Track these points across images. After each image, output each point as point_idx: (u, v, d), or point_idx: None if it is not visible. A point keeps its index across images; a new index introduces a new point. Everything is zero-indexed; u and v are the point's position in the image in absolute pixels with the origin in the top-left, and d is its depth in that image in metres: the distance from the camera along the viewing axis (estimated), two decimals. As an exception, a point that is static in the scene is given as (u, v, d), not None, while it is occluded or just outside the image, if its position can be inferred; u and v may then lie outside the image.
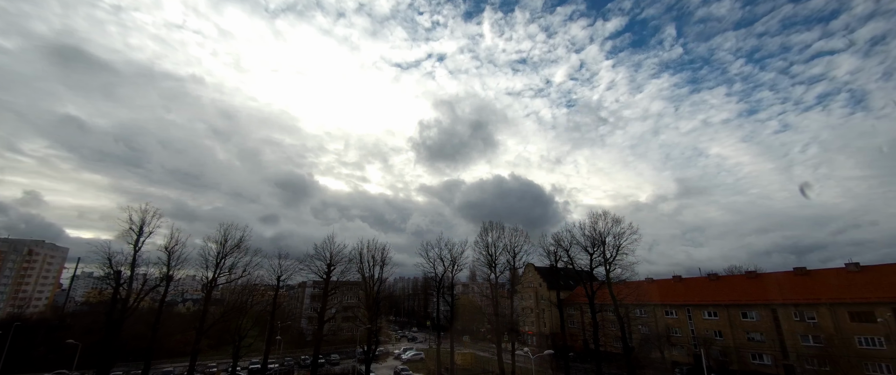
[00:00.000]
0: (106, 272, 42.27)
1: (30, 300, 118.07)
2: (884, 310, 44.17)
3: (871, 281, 48.20)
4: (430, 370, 59.27)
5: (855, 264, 51.92)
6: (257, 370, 55.28)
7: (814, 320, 49.38)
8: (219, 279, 48.41)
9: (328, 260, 52.56)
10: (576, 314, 78.40)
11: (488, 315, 57.95)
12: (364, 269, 54.02)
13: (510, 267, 55.90)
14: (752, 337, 54.73)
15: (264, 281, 61.79)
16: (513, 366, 52.13)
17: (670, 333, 63.75)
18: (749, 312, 55.80)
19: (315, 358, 52.70)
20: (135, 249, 42.73)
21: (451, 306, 58.37)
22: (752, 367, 53.82)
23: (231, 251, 48.43)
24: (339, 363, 66.06)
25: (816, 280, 53.40)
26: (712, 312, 59.74)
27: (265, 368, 52.01)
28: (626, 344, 49.59)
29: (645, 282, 71.05)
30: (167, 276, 45.04)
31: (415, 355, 71.35)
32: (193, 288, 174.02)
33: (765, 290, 56.19)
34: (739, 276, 68.41)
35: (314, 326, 65.52)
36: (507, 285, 77.71)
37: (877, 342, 44.54)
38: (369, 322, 52.90)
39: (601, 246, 51.39)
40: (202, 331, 46.45)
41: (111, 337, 40.97)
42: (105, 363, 41.11)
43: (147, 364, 43.63)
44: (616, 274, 51.17)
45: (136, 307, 43.98)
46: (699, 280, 71.17)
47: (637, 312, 67.35)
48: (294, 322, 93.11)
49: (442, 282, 57.81)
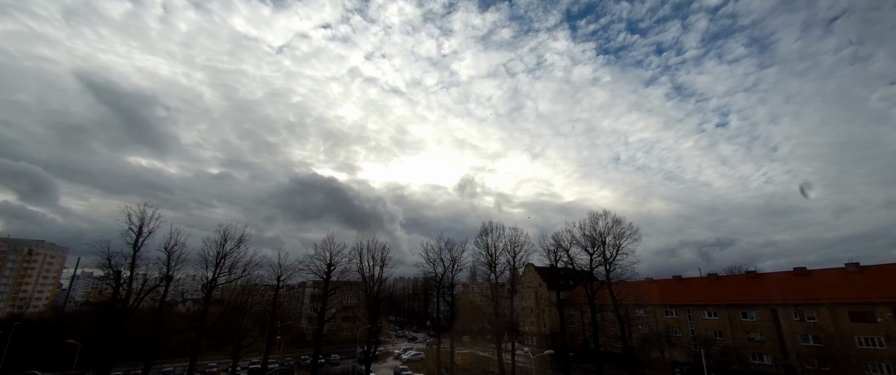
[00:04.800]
0: (106, 272, 42.26)
1: (30, 300, 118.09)
2: (884, 310, 44.14)
3: (871, 281, 48.17)
4: (430, 370, 59.26)
5: (855, 264, 51.91)
6: (257, 370, 55.28)
7: (814, 320, 49.36)
8: (219, 279, 48.38)
9: (328, 260, 52.58)
10: (576, 314, 78.38)
11: (488, 315, 57.90)
12: (364, 269, 54.07)
13: (510, 267, 55.92)
14: (752, 337, 54.71)
15: (264, 281, 61.81)
16: (513, 366, 52.11)
17: (670, 333, 63.73)
18: (749, 312, 55.77)
19: (315, 358, 52.70)
20: (134, 249, 42.71)
21: (451, 306, 58.40)
22: (752, 367, 53.80)
23: (231, 251, 48.48)
24: (339, 363, 66.07)
25: (816, 280, 53.38)
26: (712, 312, 59.72)
27: (265, 368, 52.00)
28: (626, 344, 49.61)
29: (645, 282, 71.02)
30: (167, 276, 44.99)
31: (415, 355, 71.39)
32: (193, 288, 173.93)
33: (765, 290, 56.15)
34: (739, 276, 68.50)
35: (314, 326, 65.57)
36: (507, 285, 77.70)
37: (877, 342, 44.51)
38: (369, 322, 52.93)
39: (601, 246, 51.45)
40: (202, 331, 46.44)
41: (111, 337, 40.99)
42: (105, 363, 41.13)
43: (147, 364, 43.63)
44: (616, 274, 51.22)
45: (136, 307, 43.96)
46: (699, 280, 71.23)
47: (637, 312, 67.36)
48: (294, 322, 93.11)
49: (442, 282, 57.83)
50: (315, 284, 79.60)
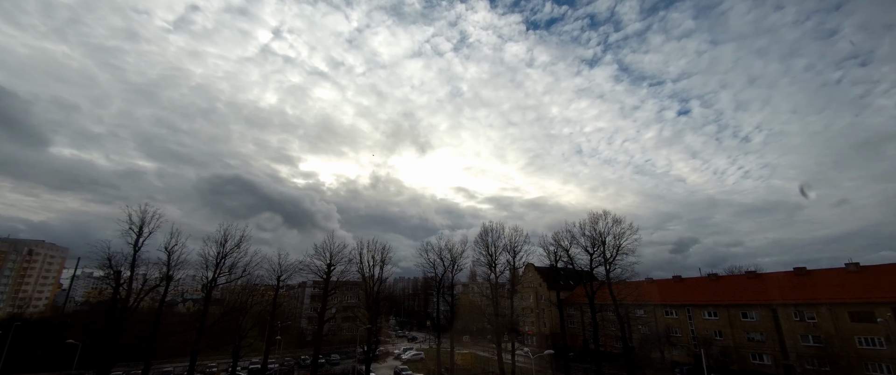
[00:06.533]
0: (106, 272, 42.24)
1: (30, 300, 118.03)
2: (884, 310, 44.15)
3: (871, 281, 48.18)
4: (430, 370, 59.27)
5: (855, 264, 51.93)
6: (257, 370, 55.25)
7: (814, 320, 49.36)
8: (219, 279, 48.38)
9: (328, 260, 52.58)
10: (576, 314, 78.37)
11: (488, 315, 57.93)
12: (364, 269, 54.06)
13: (510, 266, 55.98)
14: (752, 337, 54.71)
15: (264, 281, 61.78)
16: (513, 366, 52.12)
17: (670, 333, 63.73)
18: (749, 312, 55.78)
19: (315, 358, 52.71)
20: (135, 249, 42.69)
21: (451, 306, 58.43)
22: (752, 367, 53.79)
23: (231, 251, 48.47)
24: (339, 363, 66.07)
25: (816, 280, 53.38)
26: (712, 312, 59.72)
27: (265, 368, 52.00)
28: (626, 344, 49.62)
29: (645, 282, 71.00)
30: (167, 276, 44.98)
31: (415, 355, 71.36)
32: (193, 288, 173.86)
33: (765, 290, 56.16)
34: (739, 276, 68.50)
35: (314, 326, 65.56)
36: (507, 285, 77.68)
37: (877, 342, 44.51)
38: (369, 322, 52.90)
39: (601, 245, 51.48)
40: (202, 331, 46.39)
41: (111, 337, 40.95)
42: (105, 363, 41.11)
43: (147, 364, 43.63)
44: (616, 274, 51.24)
45: (136, 307, 43.93)
46: (699, 280, 71.21)
47: (637, 312, 67.36)
48: (294, 322, 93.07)
49: (442, 282, 57.85)
50: (315, 284, 79.56)
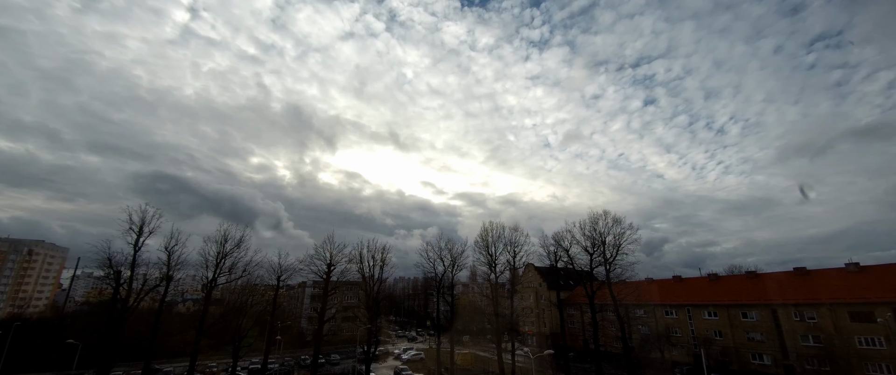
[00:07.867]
0: (106, 272, 42.23)
1: (30, 300, 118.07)
2: (884, 310, 44.15)
3: (871, 281, 48.19)
4: (430, 370, 59.26)
5: (855, 264, 51.93)
6: (257, 370, 55.24)
7: (814, 320, 49.36)
8: (219, 279, 48.39)
9: (328, 260, 52.57)
10: (576, 314, 78.36)
11: (488, 315, 57.96)
12: (364, 269, 54.04)
13: (510, 266, 55.91)
14: (752, 337, 54.70)
15: (264, 281, 61.78)
16: (513, 366, 52.10)
17: (670, 333, 63.72)
18: (749, 312, 55.77)
19: (315, 358, 52.68)
20: (135, 249, 42.69)
21: (451, 306, 58.40)
22: (752, 367, 53.79)
23: (231, 251, 48.46)
24: (339, 363, 66.03)
25: (816, 280, 53.37)
26: (712, 312, 59.71)
27: (265, 368, 51.99)
28: (626, 344, 49.60)
29: (645, 282, 71.03)
30: (167, 276, 44.99)
31: (415, 355, 71.33)
32: (193, 288, 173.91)
33: (765, 290, 56.16)
34: (739, 276, 68.47)
35: (314, 326, 65.56)
36: (508, 285, 77.67)
37: (877, 342, 44.53)
38: (369, 322, 52.90)
39: (601, 246, 51.45)
40: (202, 331, 46.40)
41: (111, 337, 40.97)
42: (105, 363, 41.10)
43: (147, 364, 43.67)
44: (616, 274, 51.22)
45: (136, 307, 43.94)
46: (699, 280, 71.20)
47: (637, 312, 67.35)
48: (294, 323, 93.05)
49: (442, 282, 57.81)
50: (315, 284, 79.58)
